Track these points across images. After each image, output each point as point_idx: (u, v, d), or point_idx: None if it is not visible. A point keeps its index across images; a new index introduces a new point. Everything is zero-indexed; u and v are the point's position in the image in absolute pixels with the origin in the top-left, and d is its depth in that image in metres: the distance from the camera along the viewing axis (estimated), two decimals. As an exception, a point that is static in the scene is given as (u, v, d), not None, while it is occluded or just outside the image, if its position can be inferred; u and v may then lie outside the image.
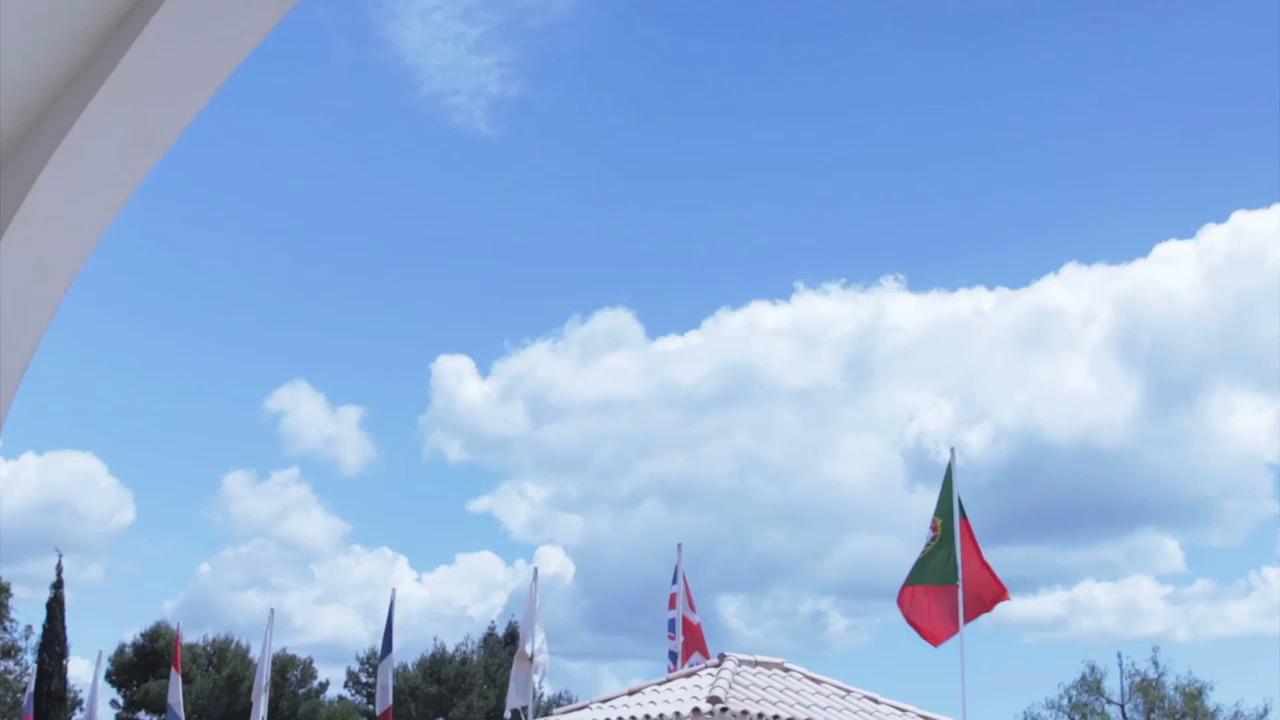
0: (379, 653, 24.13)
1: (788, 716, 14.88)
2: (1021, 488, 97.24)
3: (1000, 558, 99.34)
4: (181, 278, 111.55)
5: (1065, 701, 55.57)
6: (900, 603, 18.54)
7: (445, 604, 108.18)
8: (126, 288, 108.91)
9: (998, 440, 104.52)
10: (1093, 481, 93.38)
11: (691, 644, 21.43)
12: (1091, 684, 55.28)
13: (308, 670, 68.41)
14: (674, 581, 21.41)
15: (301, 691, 67.02)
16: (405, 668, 65.83)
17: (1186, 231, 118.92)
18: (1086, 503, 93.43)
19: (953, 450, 18.72)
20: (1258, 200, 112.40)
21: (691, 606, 21.52)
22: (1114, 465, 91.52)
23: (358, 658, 70.93)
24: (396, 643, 23.63)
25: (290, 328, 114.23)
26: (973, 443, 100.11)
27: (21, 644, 59.06)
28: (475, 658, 69.68)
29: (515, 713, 20.16)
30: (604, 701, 16.50)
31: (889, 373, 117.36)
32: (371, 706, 66.22)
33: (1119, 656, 54.26)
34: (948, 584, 17.86)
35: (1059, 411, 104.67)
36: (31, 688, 34.73)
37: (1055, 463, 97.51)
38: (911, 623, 18.35)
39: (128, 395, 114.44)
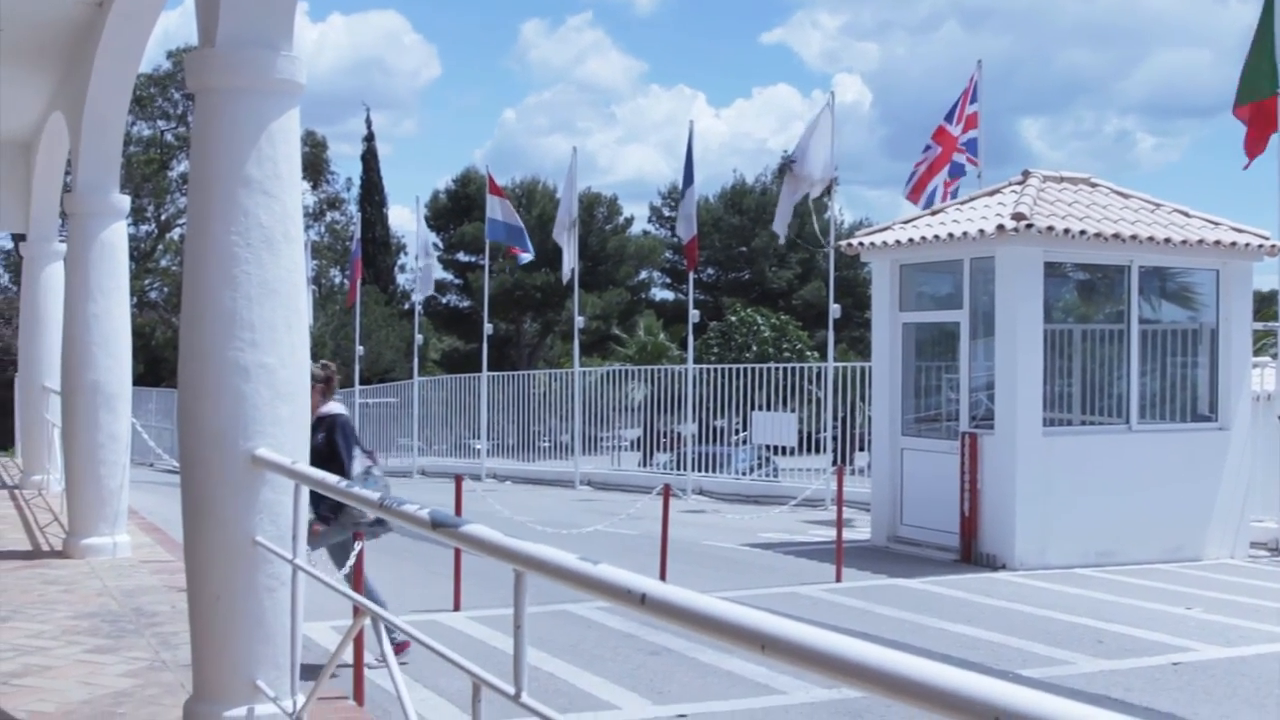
0: (680, 187, 24.59)
1: (1095, 231, 14.66)
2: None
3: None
4: None
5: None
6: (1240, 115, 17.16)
7: (744, 137, 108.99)
8: None
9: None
10: None
11: (939, 162, 20.43)
12: None
13: (613, 207, 70.62)
14: (973, 100, 20.68)
15: (608, 228, 69.48)
16: (706, 200, 67.27)
17: None
18: None
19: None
20: None
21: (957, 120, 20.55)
22: None
23: (660, 193, 72.79)
24: (697, 177, 23.99)
25: None
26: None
27: (344, 195, 62.85)
28: (775, 188, 70.53)
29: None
30: (906, 223, 16.53)
31: None
32: (675, 238, 68.41)
33: None
34: (1265, 96, 16.63)
35: None
36: (358, 234, 36.97)
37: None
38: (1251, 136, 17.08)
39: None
